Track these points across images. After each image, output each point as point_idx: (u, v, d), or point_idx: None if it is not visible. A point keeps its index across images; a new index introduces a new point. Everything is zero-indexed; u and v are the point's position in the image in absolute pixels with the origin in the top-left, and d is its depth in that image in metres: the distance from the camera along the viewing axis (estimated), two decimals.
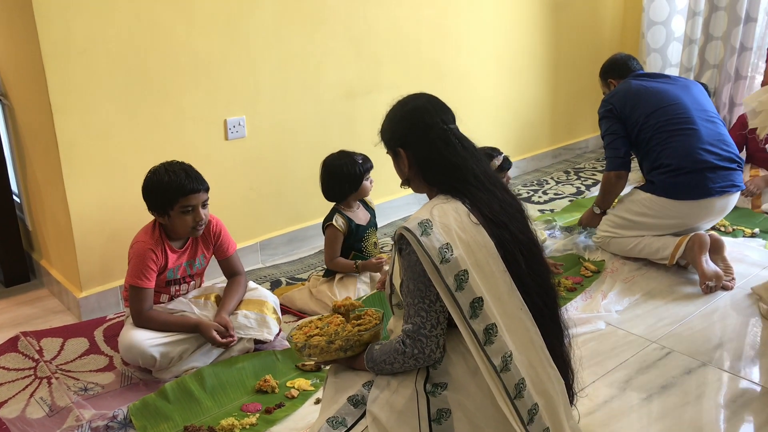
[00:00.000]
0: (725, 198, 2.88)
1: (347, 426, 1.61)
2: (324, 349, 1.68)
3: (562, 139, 4.63)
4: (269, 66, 3.01)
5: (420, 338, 1.53)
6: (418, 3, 3.47)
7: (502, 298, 1.54)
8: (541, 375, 1.56)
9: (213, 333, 2.26)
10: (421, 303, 1.53)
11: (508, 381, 1.51)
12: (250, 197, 3.10)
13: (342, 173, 2.71)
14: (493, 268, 1.54)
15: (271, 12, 2.96)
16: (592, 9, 4.50)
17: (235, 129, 2.97)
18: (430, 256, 1.49)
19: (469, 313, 1.50)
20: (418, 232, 1.51)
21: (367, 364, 1.64)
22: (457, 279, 1.50)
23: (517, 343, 1.54)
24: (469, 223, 1.55)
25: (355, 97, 3.35)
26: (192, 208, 2.27)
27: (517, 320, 1.55)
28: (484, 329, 1.50)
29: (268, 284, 2.93)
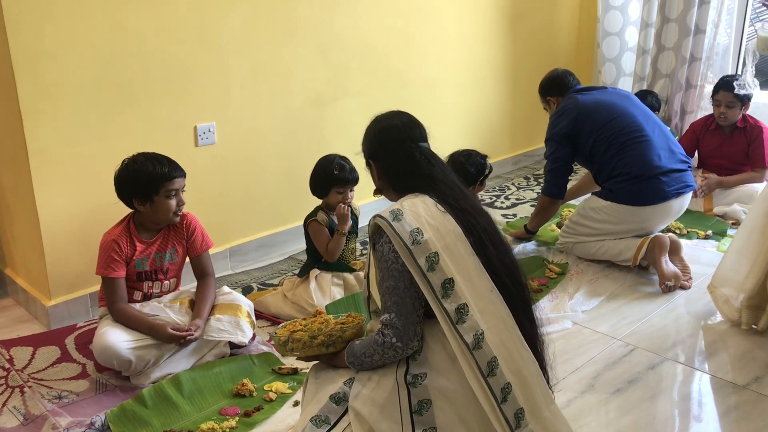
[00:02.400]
0: (681, 199, 3.02)
1: (330, 424, 1.64)
2: (306, 344, 1.73)
3: (521, 146, 4.75)
4: (239, 73, 3.03)
5: (396, 325, 1.59)
6: (384, 13, 3.54)
7: (472, 280, 1.61)
8: (514, 354, 1.61)
9: (168, 331, 2.26)
10: (398, 290, 1.61)
11: (481, 358, 1.56)
12: (220, 203, 3.11)
13: (315, 174, 2.74)
14: (462, 252, 1.62)
15: (241, 20, 2.98)
16: (549, 20, 4.64)
17: (205, 135, 2.97)
18: (402, 239, 1.58)
19: (440, 293, 1.57)
20: (389, 218, 1.62)
21: (347, 359, 1.69)
22: (428, 260, 1.58)
23: (489, 322, 1.59)
24: (437, 211, 1.65)
25: (323, 104, 3.39)
26: (175, 191, 2.36)
27: (488, 301, 1.61)
28: (456, 308, 1.57)
29: (240, 290, 2.94)
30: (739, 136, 3.76)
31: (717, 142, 3.82)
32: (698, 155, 3.95)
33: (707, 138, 3.86)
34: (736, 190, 3.72)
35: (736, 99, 3.64)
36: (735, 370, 2.36)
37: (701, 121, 3.94)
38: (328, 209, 2.80)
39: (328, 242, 2.76)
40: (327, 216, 2.77)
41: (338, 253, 2.77)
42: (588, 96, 3.20)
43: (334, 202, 2.77)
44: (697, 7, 4.14)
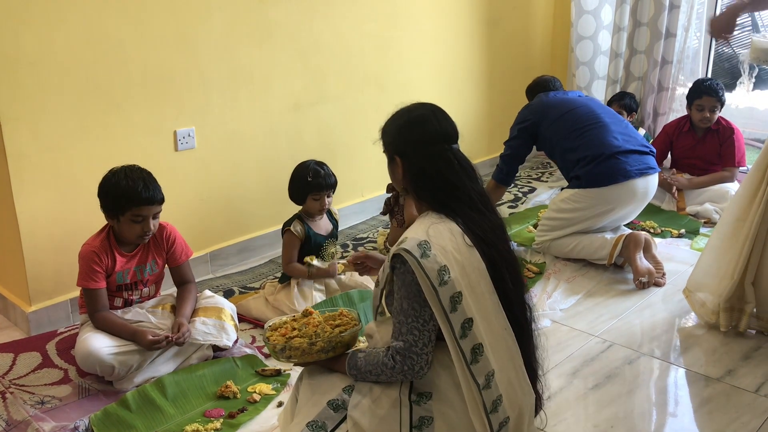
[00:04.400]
0: (645, 180, 3.10)
1: (327, 430, 1.62)
2: (305, 351, 1.68)
3: (498, 149, 4.78)
4: (218, 78, 3.05)
5: (411, 356, 1.56)
6: (362, 17, 3.57)
7: (489, 318, 1.59)
8: (518, 391, 1.63)
9: (148, 337, 2.25)
10: (415, 322, 1.56)
11: (488, 397, 1.57)
12: (200, 208, 3.12)
13: (292, 181, 2.77)
14: (483, 290, 1.59)
15: (219, 25, 3.00)
16: (524, 25, 4.71)
17: (184, 140, 2.98)
18: (429, 278, 1.51)
19: (459, 333, 1.54)
20: (417, 253, 1.52)
21: (349, 371, 1.66)
22: (452, 300, 1.53)
23: (499, 362, 1.59)
24: (464, 244, 1.58)
25: (301, 108, 3.41)
26: (142, 218, 2.29)
27: (501, 339, 1.61)
28: (472, 348, 1.55)
29: (221, 293, 2.94)
30: (711, 138, 3.85)
31: (690, 143, 3.91)
32: (672, 156, 4.04)
33: (681, 139, 3.95)
34: (709, 189, 3.80)
35: (719, 104, 3.75)
36: (709, 363, 2.42)
37: (674, 123, 4.03)
38: (307, 216, 2.82)
39: (294, 259, 2.76)
40: (303, 225, 2.79)
41: (292, 275, 2.77)
42: (553, 95, 3.41)
43: (312, 209, 2.79)
44: (668, 11, 4.23)
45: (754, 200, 2.46)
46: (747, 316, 2.54)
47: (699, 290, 2.66)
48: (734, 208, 2.57)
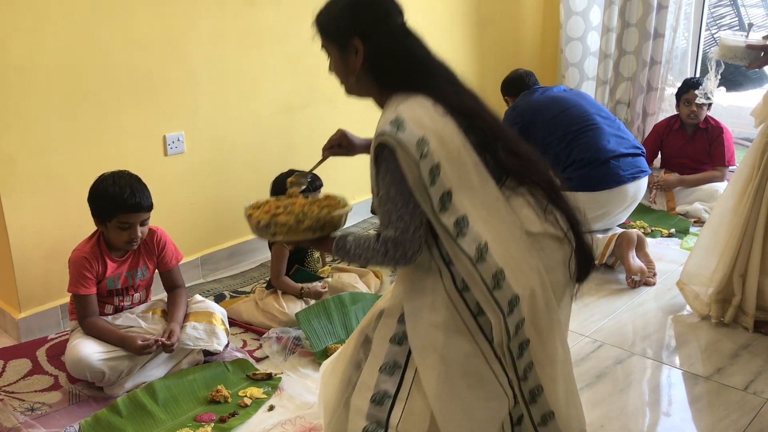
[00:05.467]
0: (636, 183, 3.13)
1: (402, 366, 1.54)
2: (292, 228, 1.59)
3: None
4: (207, 82, 3.05)
5: (403, 242, 1.47)
6: None
7: (474, 189, 1.47)
8: (523, 266, 1.48)
9: (138, 343, 2.25)
10: (405, 208, 1.46)
11: (485, 271, 1.44)
12: (190, 212, 3.11)
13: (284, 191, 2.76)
14: (465, 159, 1.46)
15: (208, 29, 2.99)
16: (514, 26, 4.72)
17: (174, 145, 2.98)
18: (409, 152, 1.41)
19: (438, 207, 1.43)
20: (392, 131, 1.42)
21: (336, 252, 1.58)
22: (431, 174, 1.42)
23: (492, 233, 1.46)
24: (436, 114, 1.47)
25: (291, 111, 3.41)
26: (129, 225, 2.29)
27: (493, 210, 1.48)
28: (454, 222, 1.44)
29: (212, 298, 2.94)
30: (701, 137, 3.88)
31: (680, 142, 3.93)
32: (662, 155, 4.06)
33: (671, 138, 3.98)
34: (698, 189, 3.83)
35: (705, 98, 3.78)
36: (699, 362, 2.43)
37: (664, 122, 4.05)
38: None
39: (282, 271, 2.76)
40: None
41: (282, 289, 2.76)
42: (540, 94, 3.40)
43: None
44: (656, 12, 4.25)
45: (744, 195, 2.52)
46: (733, 308, 2.58)
47: (692, 283, 2.71)
48: (724, 203, 2.62)
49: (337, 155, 1.96)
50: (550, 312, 1.51)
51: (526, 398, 1.53)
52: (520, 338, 1.48)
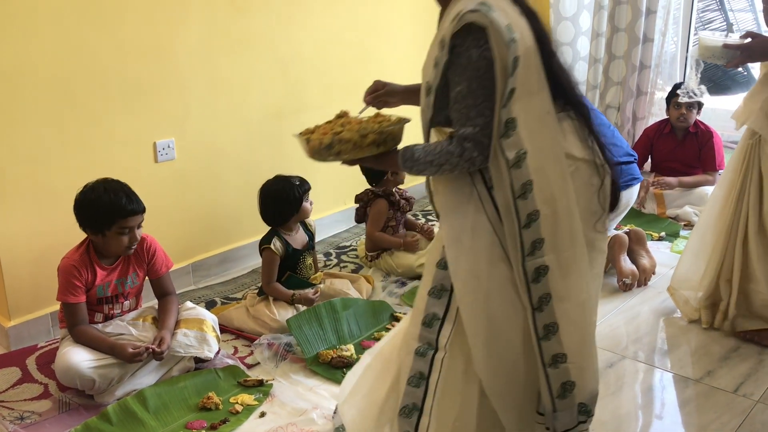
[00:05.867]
0: (629, 191, 3.13)
1: (448, 289, 1.56)
2: (357, 144, 1.56)
3: None
4: (198, 88, 3.04)
5: (482, 140, 1.45)
6: (341, 27, 3.58)
7: (532, 94, 1.45)
8: (553, 186, 1.47)
9: (128, 350, 2.24)
10: (486, 102, 1.44)
11: (516, 178, 1.44)
12: (181, 219, 3.11)
13: (282, 198, 2.78)
14: (532, 62, 1.45)
15: (198, 35, 2.99)
16: None
17: (164, 151, 2.97)
18: (502, 33, 1.39)
19: (504, 102, 1.43)
20: (485, 9, 1.40)
21: (403, 163, 1.56)
22: (514, 62, 1.41)
23: (534, 145, 1.45)
24: (514, 12, 1.47)
25: (282, 118, 3.41)
26: (129, 229, 2.30)
27: (541, 122, 1.47)
28: (506, 121, 1.43)
29: (203, 305, 2.93)
30: (691, 141, 3.90)
31: (671, 146, 3.96)
32: (652, 159, 4.08)
33: (661, 142, 4.00)
34: (689, 193, 3.85)
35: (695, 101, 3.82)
36: (689, 365, 2.44)
37: (654, 126, 4.07)
38: (288, 229, 2.83)
39: (274, 278, 2.76)
40: (282, 242, 2.79)
41: (274, 296, 2.75)
42: None
43: (306, 213, 2.84)
44: (645, 16, 4.28)
45: (728, 199, 2.53)
46: (721, 312, 2.59)
47: (682, 288, 2.72)
48: (711, 207, 2.63)
49: (379, 102, 1.95)
50: (574, 243, 1.50)
51: (539, 332, 1.50)
52: (537, 260, 1.46)
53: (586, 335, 1.57)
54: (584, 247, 1.52)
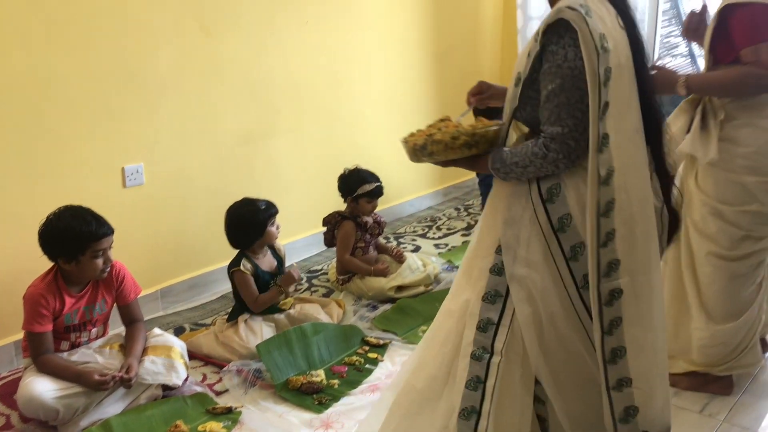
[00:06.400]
0: None
1: (503, 295, 1.58)
2: (448, 145, 1.59)
3: (451, 179, 4.87)
4: (168, 113, 3.04)
5: (568, 141, 1.45)
6: (313, 52, 3.61)
7: (622, 112, 1.45)
8: (633, 203, 1.47)
9: (95, 378, 2.21)
10: (579, 104, 1.44)
11: (604, 195, 1.44)
12: (150, 244, 3.08)
13: (245, 221, 2.77)
14: (626, 78, 1.46)
15: (168, 60, 2.99)
16: (473, 57, 4.81)
17: (133, 176, 2.95)
18: (593, 39, 1.40)
19: (600, 114, 1.42)
20: (582, 11, 1.41)
21: (493, 164, 1.57)
22: (606, 73, 1.41)
23: (620, 162, 1.45)
24: (617, 24, 1.48)
25: (252, 142, 3.41)
26: (102, 252, 2.30)
27: (629, 140, 1.46)
28: (603, 135, 1.43)
29: (172, 331, 2.90)
30: None
31: None
32: None
33: None
34: None
35: None
36: None
37: None
38: (255, 252, 2.82)
39: (256, 293, 2.76)
40: (251, 263, 2.79)
41: (267, 306, 2.77)
42: None
43: (272, 238, 2.82)
44: None
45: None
46: None
47: None
48: None
49: (482, 103, 1.94)
50: (649, 268, 1.49)
51: (606, 356, 1.49)
52: (612, 283, 1.46)
53: (655, 362, 1.55)
54: (660, 272, 1.52)
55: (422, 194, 4.62)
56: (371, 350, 2.70)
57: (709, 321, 2.31)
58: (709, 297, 2.26)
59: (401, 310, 3.02)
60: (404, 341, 2.77)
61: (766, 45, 2.02)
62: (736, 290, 2.27)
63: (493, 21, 4.88)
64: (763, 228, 2.20)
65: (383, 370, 2.58)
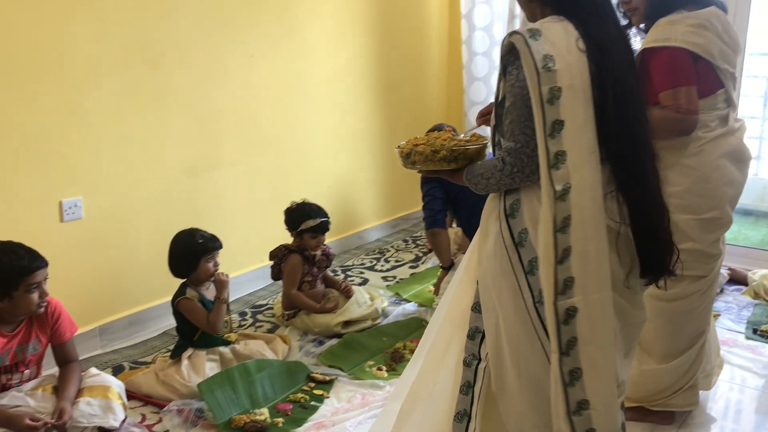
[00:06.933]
0: None
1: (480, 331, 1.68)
2: (428, 157, 1.71)
3: (399, 210, 4.88)
4: (109, 145, 2.98)
5: (521, 156, 1.53)
6: (260, 84, 3.60)
7: (578, 131, 1.50)
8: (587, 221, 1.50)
9: (26, 421, 2.12)
10: (529, 122, 1.52)
11: (560, 210, 1.49)
12: (88, 280, 2.99)
13: (181, 251, 2.73)
14: (582, 97, 1.50)
15: (110, 91, 2.94)
16: (420, 91, 4.87)
17: (71, 210, 2.87)
18: (534, 60, 1.48)
19: (549, 131, 1.48)
20: (526, 33, 1.50)
21: (466, 176, 1.68)
22: (551, 92, 1.48)
23: (576, 179, 1.50)
24: (575, 47, 1.52)
25: (198, 174, 3.37)
26: (37, 285, 2.23)
27: (584, 161, 1.50)
28: (555, 153, 1.49)
29: (110, 370, 2.81)
30: None
31: None
32: None
33: None
34: None
35: None
36: None
37: None
38: (196, 284, 2.77)
39: (207, 315, 2.71)
40: (196, 291, 2.74)
41: (221, 322, 2.73)
42: None
43: (206, 273, 2.75)
44: None
45: None
46: None
47: None
48: None
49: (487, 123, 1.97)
50: (601, 287, 1.52)
51: (565, 378, 1.53)
52: (567, 301, 1.50)
53: (609, 382, 1.57)
54: (610, 292, 1.54)
55: (370, 226, 4.62)
56: (317, 387, 2.66)
57: (646, 358, 2.34)
58: (647, 334, 2.27)
59: (348, 345, 2.99)
60: (350, 377, 2.74)
61: (683, 89, 2.08)
62: (674, 332, 2.29)
63: (439, 55, 4.96)
64: (699, 266, 2.23)
65: (329, 407, 2.54)
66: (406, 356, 2.90)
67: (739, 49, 2.22)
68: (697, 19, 2.11)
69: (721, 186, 2.19)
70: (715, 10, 2.14)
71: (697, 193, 2.16)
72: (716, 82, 2.17)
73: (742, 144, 2.25)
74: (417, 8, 4.68)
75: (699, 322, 2.32)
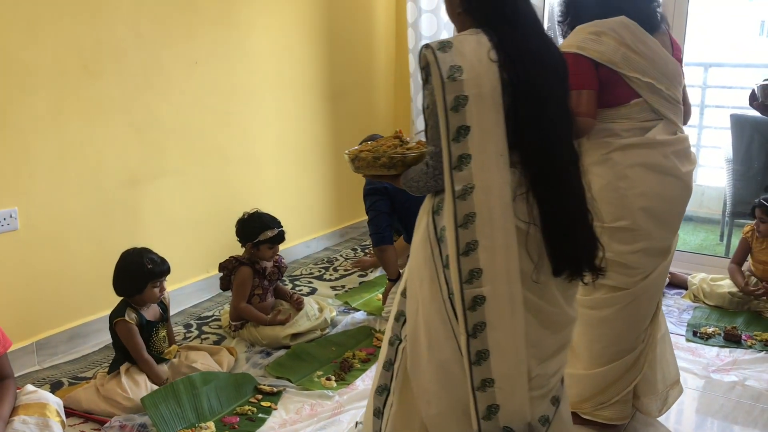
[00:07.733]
0: None
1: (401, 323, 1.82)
2: (370, 163, 1.81)
3: (347, 219, 4.86)
4: (45, 154, 2.88)
5: (440, 159, 1.62)
6: (201, 91, 3.54)
7: (487, 135, 1.58)
8: (495, 219, 1.58)
9: None
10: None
11: (460, 208, 1.59)
12: (24, 294, 2.88)
13: (127, 273, 2.66)
14: (491, 103, 1.57)
15: (46, 99, 2.85)
16: (367, 98, 4.87)
17: (6, 222, 2.77)
18: (440, 70, 1.57)
19: (453, 136, 1.58)
20: (436, 46, 1.59)
21: (402, 180, 1.78)
22: (455, 100, 1.57)
23: (482, 181, 1.58)
24: (486, 57, 1.59)
25: (138, 184, 3.28)
26: None
27: (492, 163, 1.59)
28: (459, 156, 1.58)
29: (48, 386, 2.71)
30: None
31: None
32: None
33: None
34: None
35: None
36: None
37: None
38: (139, 304, 2.69)
39: (142, 346, 2.64)
40: (136, 313, 2.66)
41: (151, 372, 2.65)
42: None
43: (151, 298, 2.68)
44: None
45: None
46: None
47: None
48: None
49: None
50: (509, 280, 1.60)
51: (472, 358, 1.62)
52: (474, 290, 1.59)
53: (516, 364, 1.65)
54: (519, 284, 1.61)
55: (318, 235, 4.59)
56: (264, 398, 2.62)
57: (575, 362, 2.32)
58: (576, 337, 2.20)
59: (296, 355, 2.96)
60: (299, 388, 2.71)
61: (584, 92, 2.12)
62: (594, 338, 2.28)
63: (386, 64, 4.98)
64: (615, 276, 2.17)
65: (277, 419, 2.50)
66: (355, 365, 2.88)
67: (664, 63, 2.19)
68: (597, 27, 2.15)
69: (630, 196, 2.15)
70: (623, 20, 2.14)
71: (605, 200, 2.12)
72: (627, 92, 2.17)
73: (667, 158, 2.19)
74: (364, 17, 4.69)
75: (624, 337, 2.27)
